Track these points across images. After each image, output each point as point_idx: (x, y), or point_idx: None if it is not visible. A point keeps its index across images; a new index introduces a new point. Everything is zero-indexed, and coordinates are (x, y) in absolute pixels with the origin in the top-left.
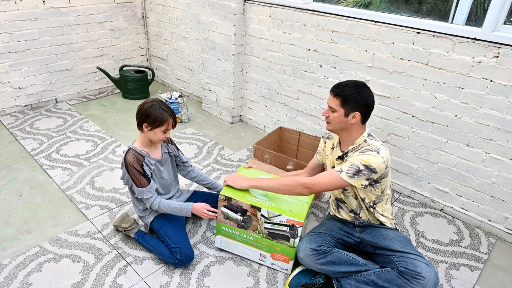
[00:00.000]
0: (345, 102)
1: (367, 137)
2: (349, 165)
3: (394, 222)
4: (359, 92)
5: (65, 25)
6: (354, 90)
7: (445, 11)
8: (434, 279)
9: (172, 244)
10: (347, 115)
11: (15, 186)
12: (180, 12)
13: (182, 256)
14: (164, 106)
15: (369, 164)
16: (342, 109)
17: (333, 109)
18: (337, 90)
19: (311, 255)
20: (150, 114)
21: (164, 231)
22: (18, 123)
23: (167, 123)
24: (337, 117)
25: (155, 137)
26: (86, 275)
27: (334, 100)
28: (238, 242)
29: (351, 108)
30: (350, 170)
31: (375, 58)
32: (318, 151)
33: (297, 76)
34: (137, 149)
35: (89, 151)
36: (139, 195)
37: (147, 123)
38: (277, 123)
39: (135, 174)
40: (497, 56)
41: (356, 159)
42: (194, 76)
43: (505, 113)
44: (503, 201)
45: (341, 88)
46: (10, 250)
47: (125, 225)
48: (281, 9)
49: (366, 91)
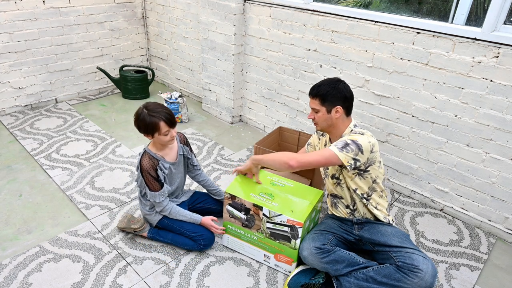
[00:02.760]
0: (324, 100)
1: (353, 127)
2: (338, 141)
3: (391, 219)
4: (334, 87)
5: (65, 25)
6: (329, 87)
7: (445, 11)
8: (431, 271)
9: (192, 234)
10: (330, 111)
11: (15, 186)
12: (180, 12)
13: (206, 241)
14: (152, 111)
15: (356, 140)
16: (324, 107)
17: (315, 110)
18: (314, 91)
19: (316, 253)
20: (140, 124)
21: (178, 224)
22: (18, 123)
23: (160, 127)
24: (321, 116)
25: (162, 141)
26: (86, 275)
27: (314, 101)
28: (243, 242)
29: (331, 104)
30: (338, 143)
31: (375, 58)
32: (310, 143)
33: (297, 76)
34: (151, 152)
35: (89, 151)
36: (152, 198)
37: (144, 133)
38: (277, 123)
39: (149, 179)
40: (497, 56)
41: (344, 138)
42: (194, 76)
43: (505, 113)
44: (503, 201)
45: (317, 89)
46: (10, 250)
47: (135, 226)
48: (281, 9)
49: (340, 84)
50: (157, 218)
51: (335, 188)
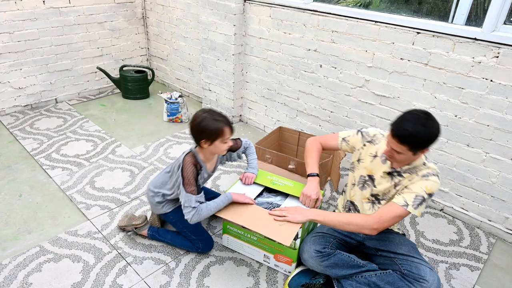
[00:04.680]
0: (414, 147)
1: (425, 160)
2: (414, 196)
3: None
4: (429, 133)
5: (65, 25)
6: (424, 134)
7: (445, 11)
8: (437, 284)
9: (193, 236)
10: (416, 153)
11: (15, 186)
12: (180, 12)
13: (205, 245)
14: (216, 115)
15: (432, 192)
16: (410, 152)
17: (398, 152)
18: (402, 137)
19: (316, 256)
20: (204, 129)
21: (182, 223)
22: (18, 123)
23: (225, 133)
24: (404, 157)
25: (217, 150)
26: (86, 275)
27: (400, 146)
28: (243, 242)
29: (421, 149)
30: (415, 201)
31: (375, 58)
32: (347, 140)
33: (297, 76)
34: (199, 157)
35: (89, 151)
36: (187, 202)
37: (205, 139)
38: (277, 123)
39: (189, 178)
40: (497, 56)
41: (420, 187)
42: (194, 76)
43: (505, 113)
44: (503, 201)
45: (408, 135)
46: (10, 250)
47: (137, 222)
48: (281, 9)
49: (431, 124)
50: (166, 210)
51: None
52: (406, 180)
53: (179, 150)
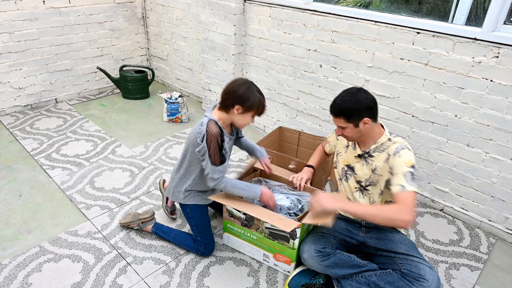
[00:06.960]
0: (349, 117)
1: (390, 136)
2: (402, 177)
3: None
4: (355, 101)
5: (65, 25)
6: (350, 102)
7: (445, 11)
8: (436, 283)
9: (199, 238)
10: (357, 125)
11: (15, 186)
12: (180, 12)
13: (206, 250)
14: (258, 89)
15: (413, 163)
16: (350, 123)
17: (342, 127)
18: (335, 110)
19: (316, 256)
20: (247, 97)
21: (196, 221)
22: (18, 123)
23: (260, 110)
24: (350, 131)
25: (242, 121)
26: (86, 275)
27: (338, 120)
28: (243, 241)
29: (357, 119)
30: (407, 179)
31: (375, 58)
32: (330, 142)
33: (297, 76)
34: (218, 122)
35: (89, 151)
36: (211, 173)
37: (241, 106)
38: (277, 123)
39: (215, 148)
40: (497, 56)
41: (401, 166)
42: (194, 76)
43: (505, 113)
44: (503, 201)
45: (338, 107)
46: (10, 250)
47: (145, 215)
48: (281, 9)
49: (360, 95)
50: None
51: (353, 194)
52: (379, 161)
53: (179, 150)
